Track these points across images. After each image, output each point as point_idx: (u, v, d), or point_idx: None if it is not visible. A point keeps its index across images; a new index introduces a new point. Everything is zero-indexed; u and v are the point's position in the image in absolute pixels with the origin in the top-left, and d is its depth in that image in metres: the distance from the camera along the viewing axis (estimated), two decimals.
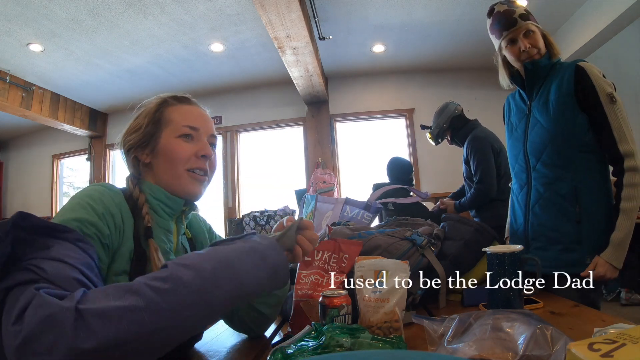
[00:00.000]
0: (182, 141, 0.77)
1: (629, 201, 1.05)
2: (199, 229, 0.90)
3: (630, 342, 0.36)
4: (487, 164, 2.07)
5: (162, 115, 0.78)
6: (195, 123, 0.79)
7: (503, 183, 2.13)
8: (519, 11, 1.18)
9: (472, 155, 2.12)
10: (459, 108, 2.33)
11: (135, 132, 0.78)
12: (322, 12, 3.46)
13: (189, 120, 0.79)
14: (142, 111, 0.81)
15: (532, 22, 1.18)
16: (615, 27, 3.28)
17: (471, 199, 2.15)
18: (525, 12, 1.18)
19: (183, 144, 0.77)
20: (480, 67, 4.67)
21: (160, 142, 0.77)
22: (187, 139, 0.78)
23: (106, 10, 3.21)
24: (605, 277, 1.05)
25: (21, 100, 4.41)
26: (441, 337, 0.63)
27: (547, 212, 1.17)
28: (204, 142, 0.79)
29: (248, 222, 3.37)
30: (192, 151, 0.77)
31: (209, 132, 0.82)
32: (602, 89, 1.09)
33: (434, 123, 2.38)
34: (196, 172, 0.77)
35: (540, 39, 1.18)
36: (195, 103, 0.84)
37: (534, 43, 1.16)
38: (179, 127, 0.77)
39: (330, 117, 5.06)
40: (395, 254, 0.95)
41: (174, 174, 0.76)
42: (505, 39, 1.20)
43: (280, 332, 0.91)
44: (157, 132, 0.77)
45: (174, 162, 0.76)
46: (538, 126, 1.18)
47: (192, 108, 0.82)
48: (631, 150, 1.07)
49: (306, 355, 0.56)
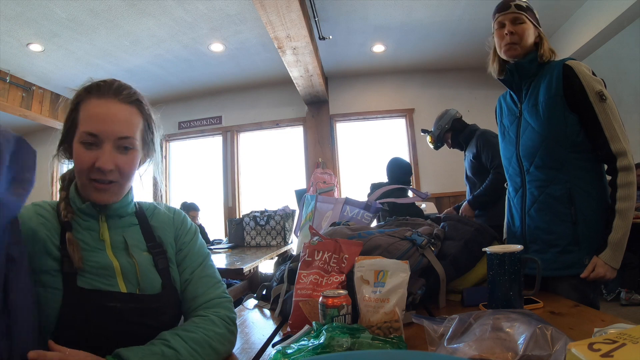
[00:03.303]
0: (84, 148, 0.69)
1: (624, 201, 1.04)
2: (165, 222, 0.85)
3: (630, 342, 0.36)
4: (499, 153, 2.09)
5: (78, 113, 0.72)
6: (94, 128, 0.69)
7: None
8: (518, 1, 1.18)
9: (485, 147, 2.14)
10: (459, 114, 2.42)
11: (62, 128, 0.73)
12: (322, 12, 3.46)
13: (88, 124, 0.69)
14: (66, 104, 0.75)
15: (528, 16, 1.17)
16: (615, 27, 3.28)
17: (489, 187, 2.10)
18: (524, 4, 1.18)
19: (83, 152, 0.69)
20: (481, 67, 4.64)
21: (73, 146, 0.71)
22: (89, 146, 0.69)
23: (106, 10, 3.21)
24: (604, 277, 1.04)
25: (21, 100, 4.41)
26: (441, 337, 0.63)
27: (542, 215, 1.16)
28: (104, 151, 0.69)
29: (248, 222, 3.37)
30: (91, 161, 0.69)
31: (115, 135, 0.70)
32: (591, 87, 1.06)
33: (435, 125, 2.45)
34: (99, 182, 0.70)
35: (528, 33, 1.16)
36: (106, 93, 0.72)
37: (519, 32, 1.15)
38: (81, 130, 0.70)
39: (330, 117, 5.06)
40: (396, 254, 0.95)
41: (81, 183, 0.72)
42: (496, 21, 1.21)
43: (280, 332, 0.91)
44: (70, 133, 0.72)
45: (78, 171, 0.71)
46: (529, 129, 1.18)
47: (99, 105, 0.71)
48: (623, 149, 1.05)
49: (306, 355, 0.56)
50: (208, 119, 5.41)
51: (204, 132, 5.45)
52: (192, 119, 5.45)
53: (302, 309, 0.83)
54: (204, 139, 5.54)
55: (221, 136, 5.39)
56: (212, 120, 5.40)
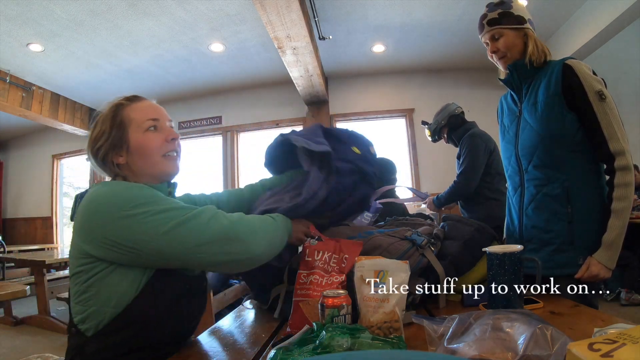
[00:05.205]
0: (150, 133, 0.86)
1: (620, 201, 1.03)
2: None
3: (630, 342, 0.36)
4: (475, 160, 2.14)
5: (122, 118, 0.85)
6: (154, 115, 0.88)
7: (496, 182, 2.15)
8: (491, 16, 1.19)
9: (464, 150, 2.20)
10: (459, 109, 2.41)
11: (102, 138, 0.84)
12: (322, 12, 3.46)
13: (149, 114, 0.87)
14: (98, 119, 0.87)
15: (505, 24, 1.17)
16: (615, 27, 3.28)
17: (449, 192, 2.25)
18: (497, 13, 1.18)
19: (152, 135, 0.86)
20: (481, 67, 4.67)
21: (131, 141, 0.84)
22: (153, 130, 0.86)
23: (106, 10, 3.21)
24: (598, 277, 1.04)
25: (21, 100, 4.41)
26: (441, 337, 0.62)
27: (539, 213, 1.16)
28: (168, 128, 0.90)
29: None
30: (162, 138, 0.87)
31: (167, 118, 0.91)
32: (590, 86, 1.06)
33: (434, 119, 2.47)
34: (170, 154, 0.88)
35: (511, 43, 1.17)
36: (144, 98, 0.92)
37: (500, 47, 1.18)
38: (142, 122, 0.86)
39: (330, 117, 5.06)
40: (396, 254, 0.95)
41: (152, 163, 0.86)
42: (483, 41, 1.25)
43: (280, 332, 0.91)
44: (123, 134, 0.84)
45: (148, 154, 0.85)
46: (528, 128, 1.17)
47: (145, 103, 0.90)
48: (622, 148, 1.04)
49: (306, 355, 0.56)
50: (208, 119, 5.41)
51: (204, 132, 5.45)
52: (192, 119, 5.44)
53: (302, 309, 0.83)
54: (204, 139, 5.54)
55: (221, 136, 5.39)
56: (212, 120, 5.40)
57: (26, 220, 6.19)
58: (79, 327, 0.74)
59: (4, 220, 6.35)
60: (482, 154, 2.16)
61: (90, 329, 0.73)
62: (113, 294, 0.73)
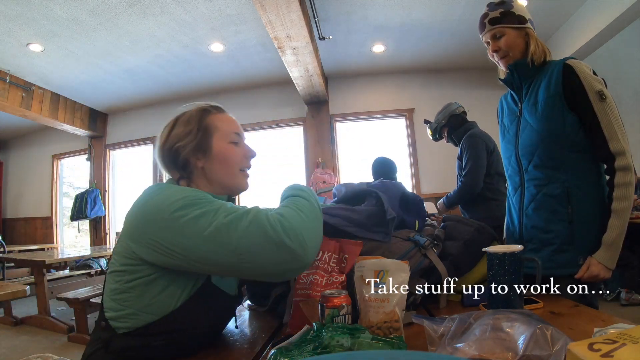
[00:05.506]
0: (234, 146, 0.89)
1: (620, 201, 1.03)
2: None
3: (630, 342, 0.36)
4: (478, 160, 2.15)
5: (208, 123, 0.87)
6: (239, 130, 0.93)
7: (495, 182, 2.16)
8: (492, 15, 1.19)
9: (466, 150, 2.21)
10: (460, 109, 2.42)
11: (187, 137, 0.84)
12: (322, 12, 3.46)
13: (235, 128, 0.91)
14: (184, 118, 0.87)
15: (506, 23, 1.17)
16: (615, 27, 3.28)
17: (457, 192, 2.26)
18: (498, 12, 1.18)
19: (235, 148, 0.89)
20: (480, 67, 4.68)
21: (214, 148, 0.85)
22: (236, 144, 0.90)
23: (106, 10, 3.21)
24: (598, 277, 1.03)
25: (21, 100, 4.41)
26: (441, 337, 0.62)
27: (539, 214, 1.16)
28: (248, 145, 0.93)
29: None
30: (242, 154, 0.90)
31: (244, 135, 0.95)
32: (591, 86, 1.06)
33: (435, 118, 2.49)
34: (246, 170, 0.92)
35: (513, 43, 1.17)
36: (227, 112, 0.95)
37: (502, 46, 1.18)
38: (228, 134, 0.89)
39: (330, 117, 5.06)
40: (397, 254, 0.95)
41: (230, 175, 0.88)
42: (483, 39, 1.25)
43: (280, 332, 0.91)
44: (209, 139, 0.86)
45: (229, 165, 0.87)
46: (528, 128, 1.17)
47: (229, 117, 0.93)
48: (622, 148, 1.04)
49: (306, 355, 0.56)
50: None
51: None
52: None
53: (302, 309, 0.83)
54: None
55: None
56: None
57: (26, 220, 6.19)
58: (110, 323, 0.74)
59: (4, 220, 6.35)
60: (483, 153, 2.17)
61: (122, 328, 0.73)
62: (153, 301, 0.72)
